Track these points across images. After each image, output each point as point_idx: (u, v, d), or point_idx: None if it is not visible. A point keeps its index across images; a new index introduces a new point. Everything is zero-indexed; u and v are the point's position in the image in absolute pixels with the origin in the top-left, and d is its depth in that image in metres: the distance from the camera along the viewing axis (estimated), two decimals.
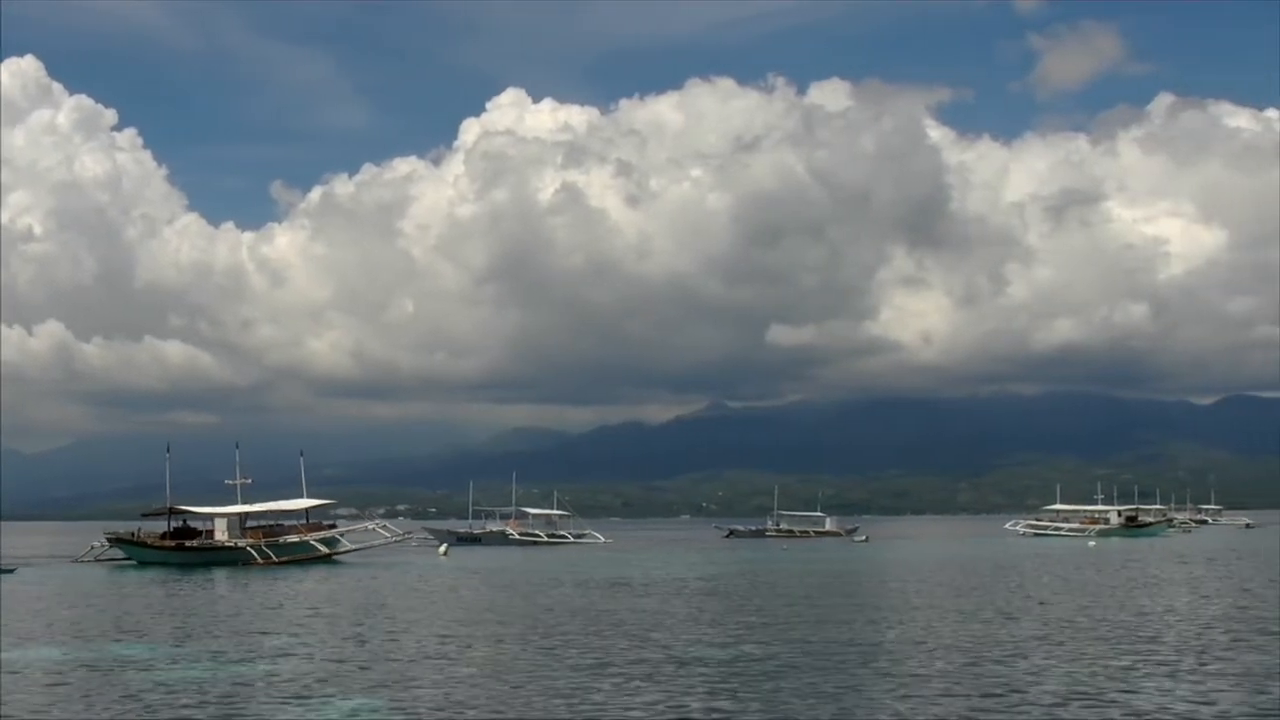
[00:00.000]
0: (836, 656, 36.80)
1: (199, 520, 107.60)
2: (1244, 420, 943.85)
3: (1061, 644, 39.46)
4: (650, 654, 37.92)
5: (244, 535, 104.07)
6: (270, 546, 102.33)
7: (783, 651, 38.28)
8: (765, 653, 38.01)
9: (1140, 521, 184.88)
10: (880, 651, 38.05)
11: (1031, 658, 36.27)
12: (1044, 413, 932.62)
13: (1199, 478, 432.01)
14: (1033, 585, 69.41)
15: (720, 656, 37.43)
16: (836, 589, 69.01)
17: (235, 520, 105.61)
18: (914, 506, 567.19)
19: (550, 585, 73.22)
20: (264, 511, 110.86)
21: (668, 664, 35.73)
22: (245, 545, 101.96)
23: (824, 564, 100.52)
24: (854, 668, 34.42)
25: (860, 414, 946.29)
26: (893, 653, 37.82)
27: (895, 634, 43.33)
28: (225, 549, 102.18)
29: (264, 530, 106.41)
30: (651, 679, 32.82)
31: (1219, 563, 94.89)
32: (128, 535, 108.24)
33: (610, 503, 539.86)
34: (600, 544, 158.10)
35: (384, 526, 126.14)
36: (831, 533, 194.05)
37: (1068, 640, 40.55)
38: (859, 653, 37.64)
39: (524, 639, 42.73)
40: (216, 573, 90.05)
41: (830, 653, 37.64)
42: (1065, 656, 36.44)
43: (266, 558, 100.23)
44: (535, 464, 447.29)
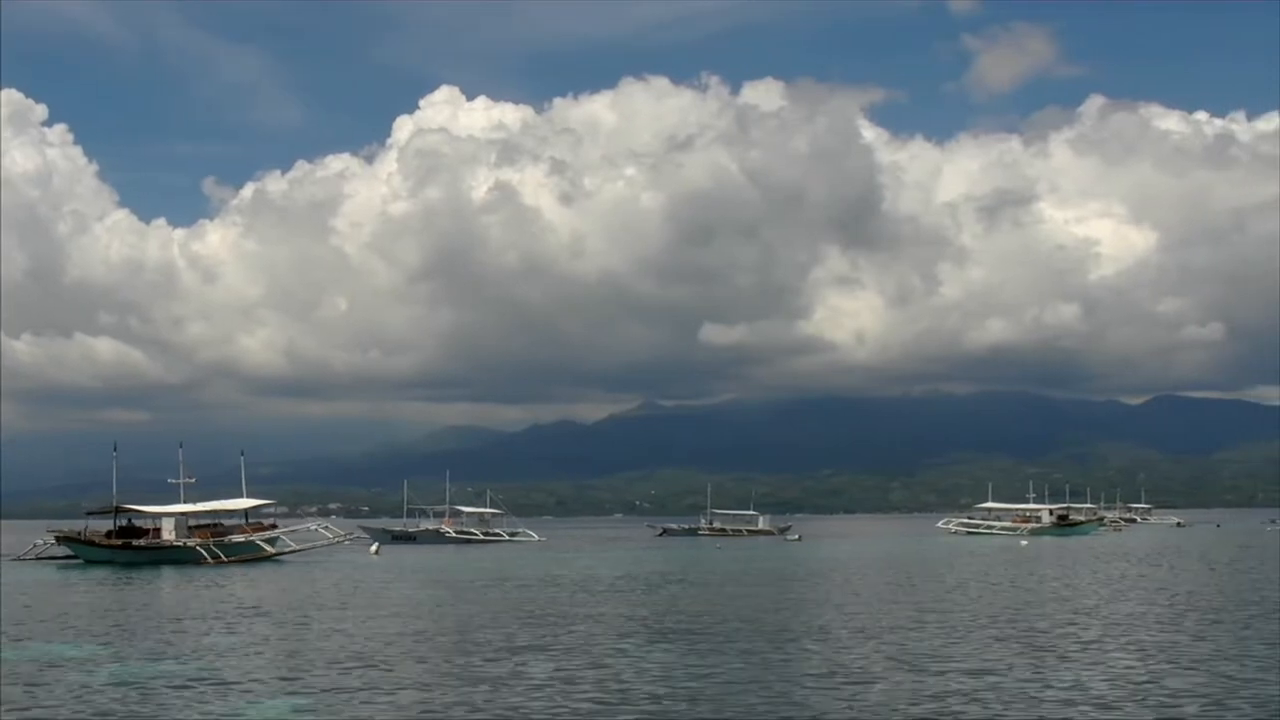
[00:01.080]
0: (766, 653, 36.91)
1: (143, 519, 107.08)
2: (1173, 420, 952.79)
3: (975, 634, 39.68)
4: (582, 652, 37.96)
5: (190, 535, 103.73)
6: (218, 546, 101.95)
7: (713, 648, 38.37)
8: (695, 649, 38.14)
9: (1071, 520, 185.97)
10: (806, 648, 38.20)
11: (947, 650, 36.41)
12: (976, 412, 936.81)
13: (1129, 477, 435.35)
14: (959, 582, 69.69)
15: (649, 653, 37.55)
16: (768, 587, 69.09)
17: (183, 519, 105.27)
18: (846, 505, 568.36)
19: (484, 584, 73.23)
20: (208, 511, 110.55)
21: (599, 662, 35.77)
22: (195, 545, 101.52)
23: (757, 562, 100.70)
24: (784, 665, 34.45)
25: (793, 413, 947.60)
26: (819, 649, 38.02)
27: (822, 630, 43.53)
28: (174, 548, 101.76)
29: (211, 530, 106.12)
30: (581, 677, 32.84)
31: (1151, 560, 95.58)
32: (74, 534, 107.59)
33: (543, 501, 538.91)
34: (534, 542, 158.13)
35: (326, 526, 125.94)
36: (765, 531, 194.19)
37: (985, 632, 40.79)
38: (789, 649, 37.74)
39: (456, 638, 42.72)
40: (166, 571, 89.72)
41: (759, 650, 37.73)
42: (977, 646, 36.64)
43: (216, 557, 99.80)
44: (468, 462, 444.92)
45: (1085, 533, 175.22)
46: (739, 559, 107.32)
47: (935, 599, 57.89)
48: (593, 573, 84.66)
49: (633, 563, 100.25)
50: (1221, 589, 62.97)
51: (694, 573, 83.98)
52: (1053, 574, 78.20)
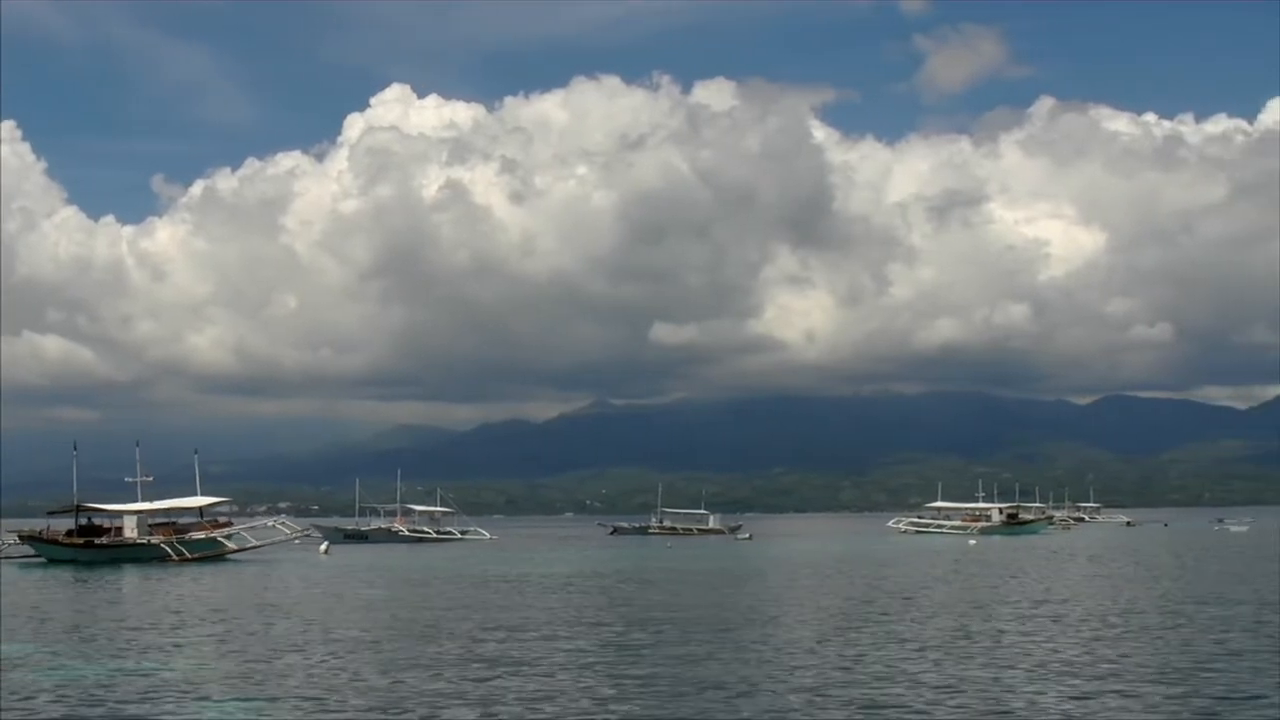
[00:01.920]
0: (715, 652, 36.92)
1: (104, 518, 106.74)
2: (1121, 420, 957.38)
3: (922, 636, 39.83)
4: (532, 651, 37.92)
5: (151, 533, 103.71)
6: (181, 544, 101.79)
7: (662, 645, 38.51)
8: (644, 646, 38.24)
9: (1021, 519, 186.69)
10: (754, 646, 38.21)
11: (890, 650, 36.53)
12: (926, 412, 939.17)
13: (1077, 476, 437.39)
14: (903, 581, 69.86)
15: (597, 651, 37.62)
16: (718, 585, 69.18)
17: (144, 518, 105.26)
18: (797, 504, 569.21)
19: (439, 582, 73.18)
20: (165, 509, 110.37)
21: (548, 660, 35.75)
22: (159, 543, 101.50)
23: (707, 561, 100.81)
24: (733, 663, 34.47)
25: (744, 412, 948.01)
26: (766, 647, 38.06)
27: (771, 628, 43.57)
28: (136, 546, 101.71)
29: (172, 528, 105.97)
30: (530, 676, 32.81)
31: (1102, 559, 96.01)
32: (37, 533, 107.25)
33: (494, 500, 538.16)
34: (486, 541, 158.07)
35: (283, 523, 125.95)
36: (715, 530, 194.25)
37: (929, 634, 40.94)
38: (736, 647, 37.78)
39: (410, 637, 42.63)
40: (131, 570, 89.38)
41: (708, 648, 37.72)
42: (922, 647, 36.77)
43: (181, 555, 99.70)
44: (419, 461, 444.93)
45: (1035, 532, 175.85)
46: (689, 558, 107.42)
47: (884, 597, 58.02)
48: (544, 571, 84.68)
49: (584, 561, 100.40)
50: (1181, 586, 63.31)
51: (644, 572, 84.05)
52: (1007, 572, 78.45)
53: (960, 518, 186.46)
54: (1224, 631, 41.14)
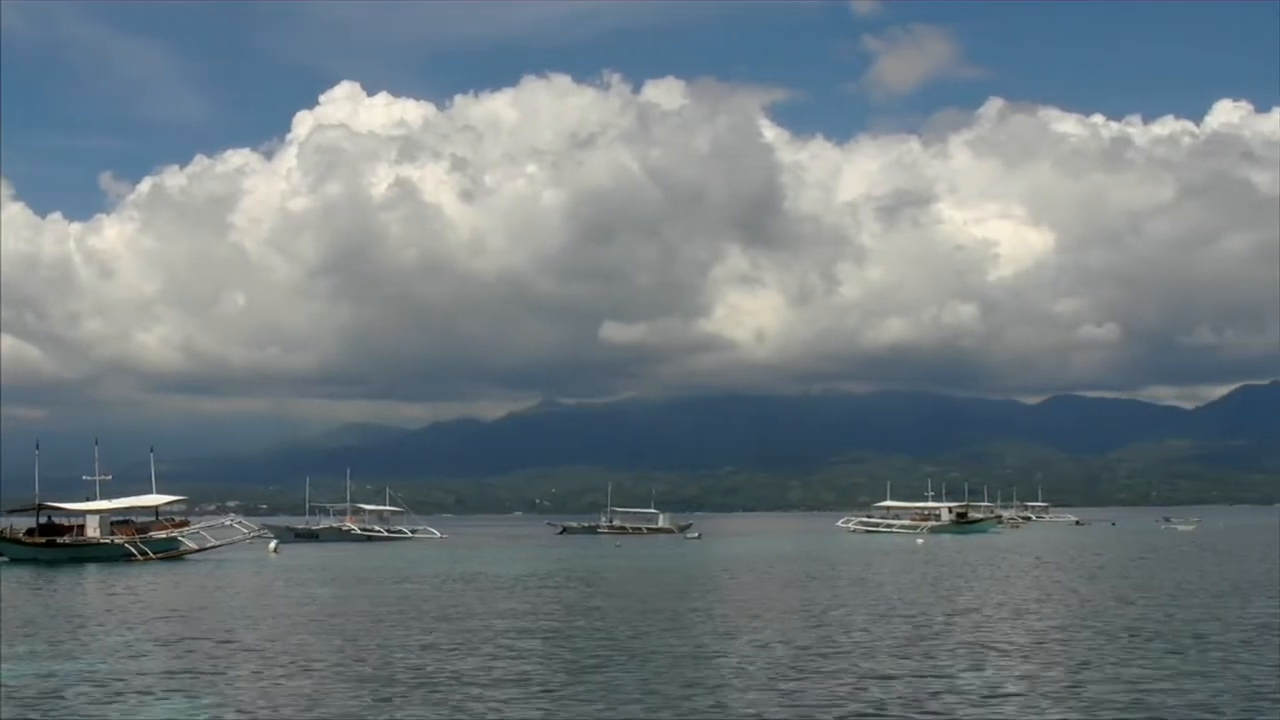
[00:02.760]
0: (661, 651, 36.76)
1: (64, 516, 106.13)
2: (1069, 419, 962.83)
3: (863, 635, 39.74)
4: (478, 650, 37.72)
5: (113, 532, 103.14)
6: (143, 543, 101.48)
7: (608, 644, 38.41)
8: (592, 646, 38.04)
9: (970, 518, 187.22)
10: (700, 646, 38.04)
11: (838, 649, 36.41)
12: (875, 411, 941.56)
13: (1026, 475, 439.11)
14: (856, 579, 69.85)
15: (545, 650, 37.51)
16: (666, 584, 69.05)
17: (106, 517, 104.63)
18: (746, 503, 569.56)
19: (390, 581, 72.99)
20: (127, 508, 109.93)
21: (496, 660, 35.57)
22: (122, 542, 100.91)
23: (656, 560, 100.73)
24: (685, 663, 34.31)
25: (693, 411, 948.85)
26: (712, 646, 37.90)
27: (718, 628, 43.40)
28: (99, 545, 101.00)
29: (134, 527, 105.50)
30: (477, 675, 32.57)
31: (1048, 558, 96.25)
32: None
33: (443, 499, 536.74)
34: (437, 540, 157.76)
35: (240, 523, 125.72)
36: (664, 529, 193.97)
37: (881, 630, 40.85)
38: (684, 647, 37.60)
39: (355, 636, 42.35)
40: (94, 569, 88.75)
41: (654, 647, 37.57)
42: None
43: (144, 554, 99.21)
44: (368, 460, 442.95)
45: (984, 531, 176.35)
46: (638, 557, 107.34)
47: (831, 596, 57.97)
48: (492, 570, 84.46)
49: (533, 561, 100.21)
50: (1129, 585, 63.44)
51: (593, 570, 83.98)
52: (960, 571, 78.54)
53: (909, 517, 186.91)
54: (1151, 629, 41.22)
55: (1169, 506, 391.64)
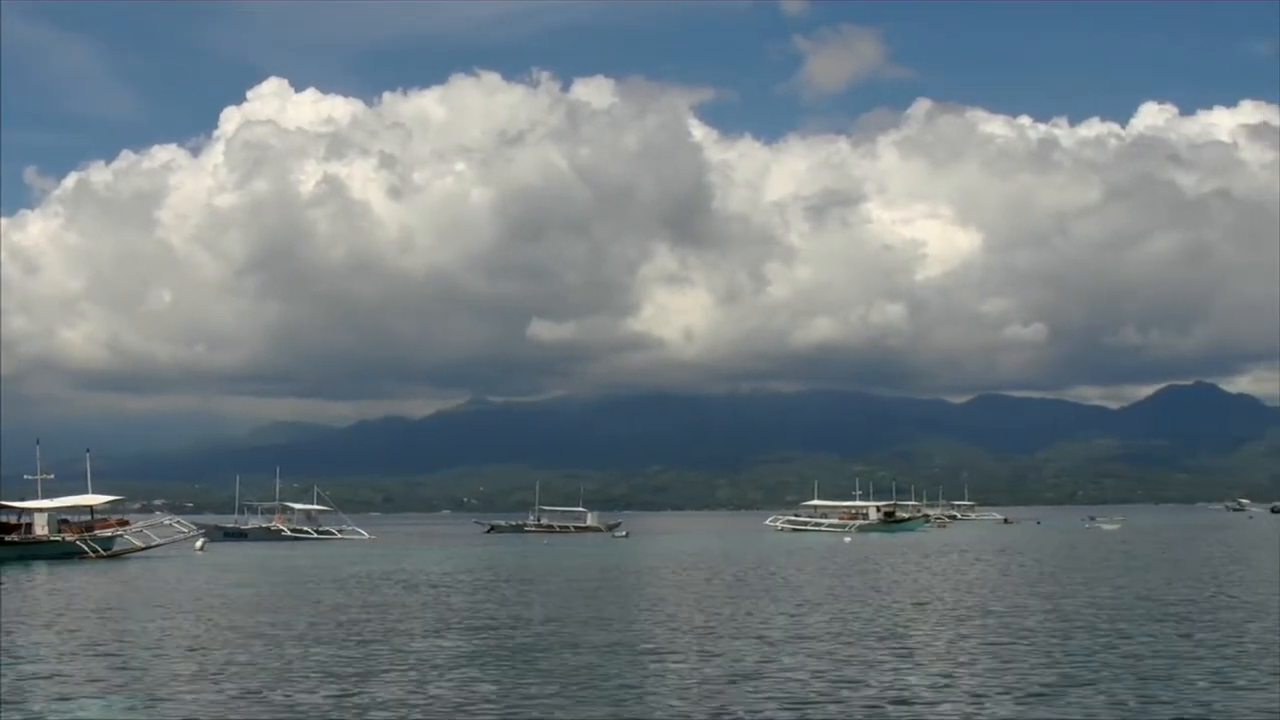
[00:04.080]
0: (585, 650, 36.53)
1: (10, 514, 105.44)
2: (995, 419, 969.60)
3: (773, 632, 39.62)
4: (402, 650, 37.49)
5: (60, 530, 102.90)
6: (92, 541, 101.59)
7: (532, 643, 38.23)
8: (515, 645, 37.82)
9: (898, 517, 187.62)
10: (625, 645, 37.83)
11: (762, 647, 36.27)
12: (803, 410, 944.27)
13: (952, 474, 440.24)
14: (784, 579, 69.78)
15: (466, 649, 37.30)
16: (593, 583, 68.83)
17: (55, 515, 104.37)
18: (674, 502, 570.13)
19: (316, 582, 72.47)
20: (70, 507, 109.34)
21: (419, 659, 35.35)
22: (72, 540, 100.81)
23: (584, 559, 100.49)
24: (609, 664, 34.08)
25: (622, 410, 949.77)
26: (639, 645, 37.71)
27: (644, 626, 43.23)
28: (49, 544, 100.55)
29: (80, 526, 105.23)
30: (400, 676, 32.35)
31: (972, 555, 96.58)
32: None
33: (370, 498, 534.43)
34: (365, 540, 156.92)
35: (178, 522, 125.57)
36: (593, 528, 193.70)
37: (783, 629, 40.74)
38: (607, 646, 37.38)
39: (286, 636, 42.02)
40: (44, 567, 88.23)
41: (578, 647, 37.32)
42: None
43: (95, 552, 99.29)
44: (296, 458, 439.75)
45: (912, 529, 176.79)
46: (566, 555, 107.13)
47: (756, 595, 57.89)
48: (420, 569, 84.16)
49: (460, 559, 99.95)
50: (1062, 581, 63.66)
51: (519, 569, 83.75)
52: (883, 568, 78.67)
53: (837, 516, 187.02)
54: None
55: (1094, 506, 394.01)
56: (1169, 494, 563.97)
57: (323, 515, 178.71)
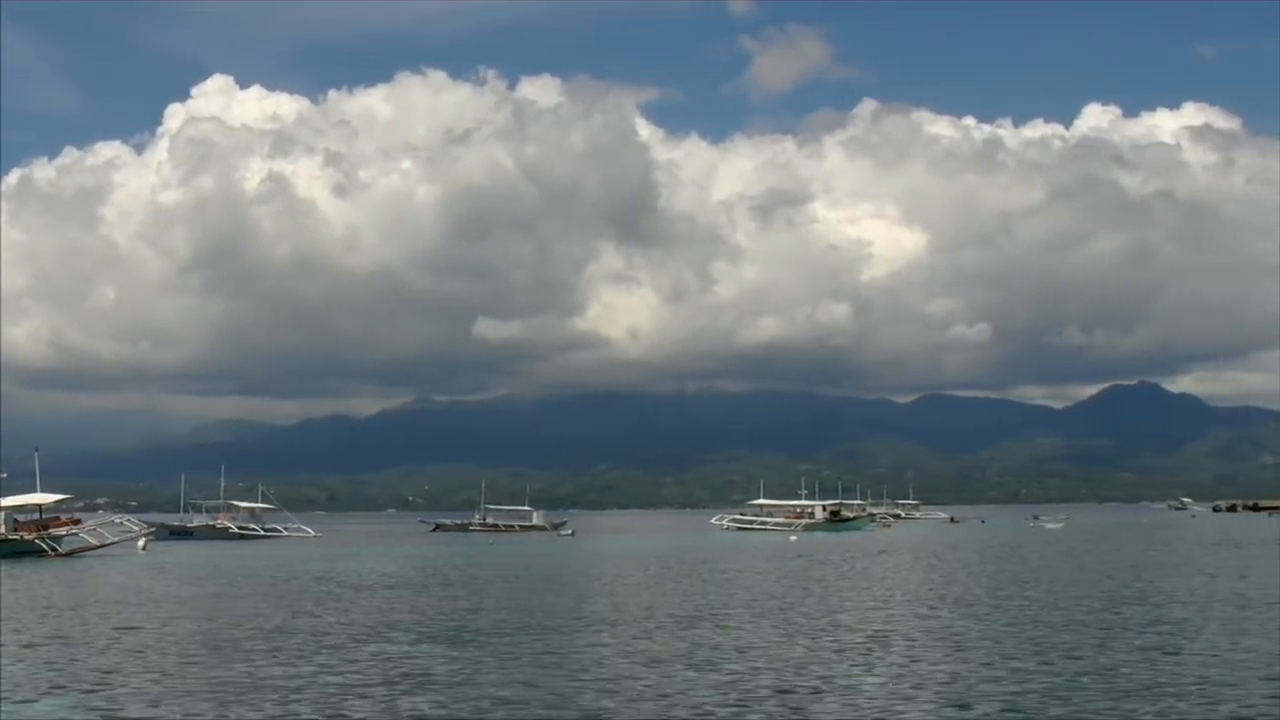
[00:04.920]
0: (530, 649, 36.37)
1: None
2: (941, 418, 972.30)
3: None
4: (349, 650, 37.26)
5: (16, 529, 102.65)
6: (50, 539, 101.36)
7: (475, 643, 37.99)
8: (459, 645, 37.63)
9: (844, 516, 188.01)
10: (571, 644, 37.71)
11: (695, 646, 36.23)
12: (748, 409, 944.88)
13: (897, 474, 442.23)
14: (726, 576, 69.82)
15: (408, 649, 37.17)
16: (538, 583, 68.75)
17: (10, 513, 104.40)
18: (620, 501, 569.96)
19: (263, 581, 72.38)
20: (21, 505, 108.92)
21: (361, 657, 35.12)
22: (31, 539, 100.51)
23: (529, 558, 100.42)
24: (553, 664, 33.97)
25: (567, 409, 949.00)
26: (582, 644, 37.58)
27: (582, 625, 43.14)
28: (7, 542, 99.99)
29: (36, 524, 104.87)
30: (344, 673, 32.11)
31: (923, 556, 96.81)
32: None
33: (315, 496, 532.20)
34: (310, 538, 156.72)
35: (129, 520, 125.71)
36: (538, 527, 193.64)
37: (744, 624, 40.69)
38: (547, 645, 37.28)
39: (229, 635, 41.86)
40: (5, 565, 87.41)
41: (523, 646, 37.17)
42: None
43: (54, 550, 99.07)
44: (239, 456, 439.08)
45: (857, 529, 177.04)
46: (511, 554, 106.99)
47: (700, 592, 57.90)
48: (364, 568, 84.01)
49: (404, 559, 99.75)
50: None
51: (464, 568, 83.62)
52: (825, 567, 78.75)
53: (783, 515, 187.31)
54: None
55: (1038, 505, 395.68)
56: (1112, 493, 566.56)
57: (267, 514, 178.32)
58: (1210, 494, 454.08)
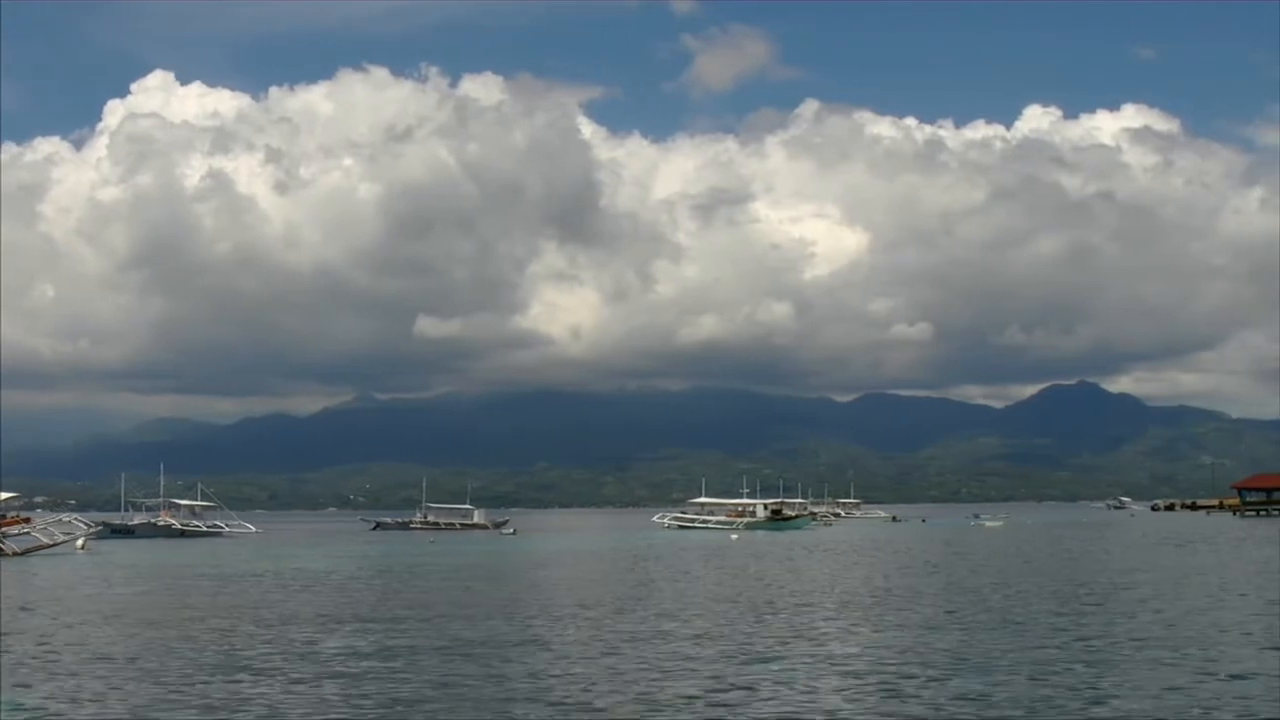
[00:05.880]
0: (467, 649, 36.27)
1: None
2: (881, 417, 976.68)
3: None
4: (289, 650, 37.01)
5: None
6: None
7: (413, 644, 37.81)
8: (399, 645, 37.40)
9: (785, 515, 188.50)
10: (507, 643, 37.63)
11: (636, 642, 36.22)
12: (689, 408, 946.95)
13: (838, 472, 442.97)
14: (669, 574, 69.84)
15: (338, 649, 36.90)
16: (478, 581, 68.65)
17: None
18: (561, 500, 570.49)
19: (206, 580, 72.02)
20: None
21: (303, 658, 34.93)
22: None
23: (469, 557, 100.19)
24: (494, 662, 33.88)
25: (509, 407, 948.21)
26: (519, 643, 37.46)
27: (524, 625, 43.01)
28: None
29: None
30: (287, 675, 31.93)
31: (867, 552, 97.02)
32: None
33: (255, 495, 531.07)
34: (252, 536, 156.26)
35: (77, 519, 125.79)
36: (480, 525, 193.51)
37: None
38: (488, 645, 37.19)
39: (172, 635, 41.56)
40: None
41: (460, 646, 37.07)
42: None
43: (11, 550, 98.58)
44: (180, 455, 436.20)
45: (798, 527, 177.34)
46: (451, 553, 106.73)
47: (642, 591, 57.88)
48: (304, 567, 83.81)
49: (344, 557, 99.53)
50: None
51: (403, 567, 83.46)
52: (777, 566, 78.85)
53: (724, 513, 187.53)
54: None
55: (978, 503, 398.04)
56: (1051, 492, 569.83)
57: (208, 512, 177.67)
58: (1148, 493, 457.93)
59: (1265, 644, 35.29)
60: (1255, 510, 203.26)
